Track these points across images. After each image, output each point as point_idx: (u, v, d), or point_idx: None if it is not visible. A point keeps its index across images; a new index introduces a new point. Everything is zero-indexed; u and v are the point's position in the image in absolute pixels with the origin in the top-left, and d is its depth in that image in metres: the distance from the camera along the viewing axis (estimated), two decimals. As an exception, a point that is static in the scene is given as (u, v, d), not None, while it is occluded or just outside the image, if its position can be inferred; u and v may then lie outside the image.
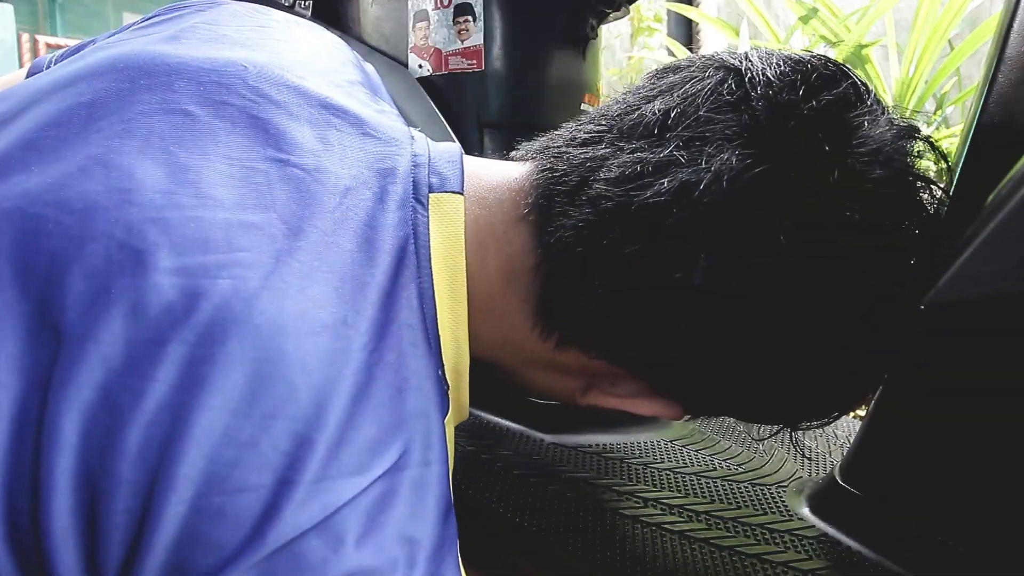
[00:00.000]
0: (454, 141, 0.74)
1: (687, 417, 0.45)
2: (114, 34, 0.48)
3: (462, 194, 0.41)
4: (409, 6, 0.85)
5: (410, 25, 0.85)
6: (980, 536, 0.47)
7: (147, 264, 0.32)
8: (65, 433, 0.29)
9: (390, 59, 0.88)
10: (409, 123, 0.47)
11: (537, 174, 0.41)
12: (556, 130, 0.44)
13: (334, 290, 0.34)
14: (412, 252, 0.38)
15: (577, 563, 0.51)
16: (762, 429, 0.48)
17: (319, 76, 0.43)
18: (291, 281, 0.33)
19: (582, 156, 0.40)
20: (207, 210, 0.34)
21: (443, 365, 0.38)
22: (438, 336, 0.38)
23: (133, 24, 0.48)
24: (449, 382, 0.39)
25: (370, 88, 0.49)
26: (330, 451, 0.31)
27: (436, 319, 0.38)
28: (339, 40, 0.51)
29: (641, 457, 0.66)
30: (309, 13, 0.95)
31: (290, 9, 0.95)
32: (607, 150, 0.39)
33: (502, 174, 0.43)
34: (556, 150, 0.41)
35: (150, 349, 0.30)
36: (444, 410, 0.38)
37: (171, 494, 0.29)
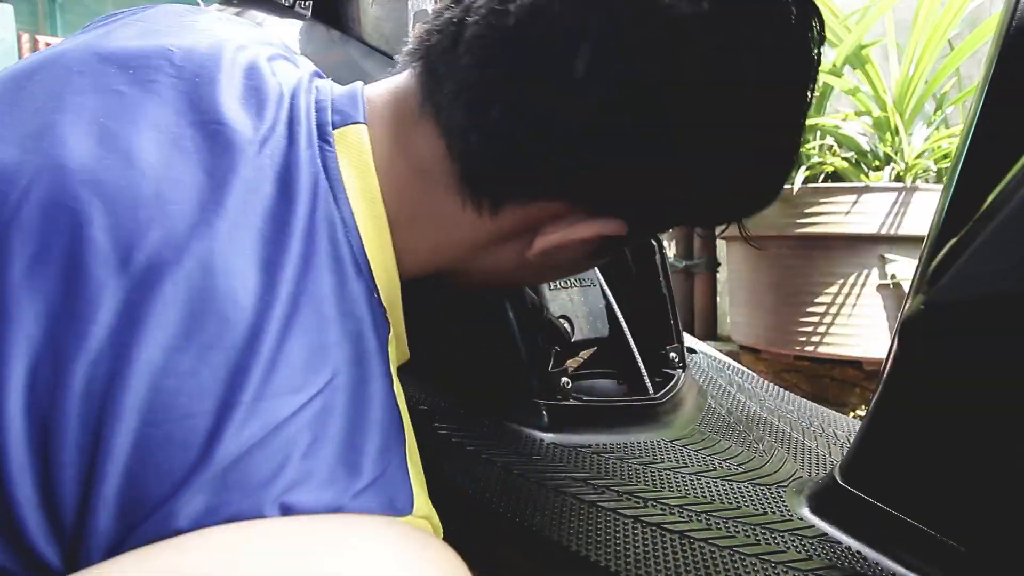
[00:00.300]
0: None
1: (626, 231, 0.46)
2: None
3: (364, 123, 0.44)
4: (409, 6, 0.85)
5: (410, 25, 0.85)
6: (980, 536, 0.47)
7: (82, 221, 0.34)
8: (14, 375, 0.31)
9: (390, 59, 0.88)
10: None
11: (416, 62, 0.44)
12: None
13: (258, 232, 0.37)
14: (326, 187, 0.40)
15: (577, 563, 0.51)
16: (762, 430, 0.48)
17: (240, 51, 0.46)
18: (218, 227, 0.36)
19: (448, 17, 0.42)
20: (136, 172, 0.37)
21: (376, 288, 0.41)
22: (367, 261, 0.41)
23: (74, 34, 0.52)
24: (386, 305, 0.42)
25: (292, 62, 0.52)
26: (265, 373, 0.33)
27: (363, 245, 0.40)
28: (266, 32, 0.54)
29: (641, 457, 0.66)
30: (309, 13, 0.95)
31: (290, 9, 0.95)
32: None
33: (391, 87, 0.46)
34: (426, 33, 0.44)
35: (90, 297, 0.33)
36: (383, 330, 0.41)
37: (118, 424, 0.31)
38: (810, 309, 1.60)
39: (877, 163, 1.58)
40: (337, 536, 0.31)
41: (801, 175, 1.55)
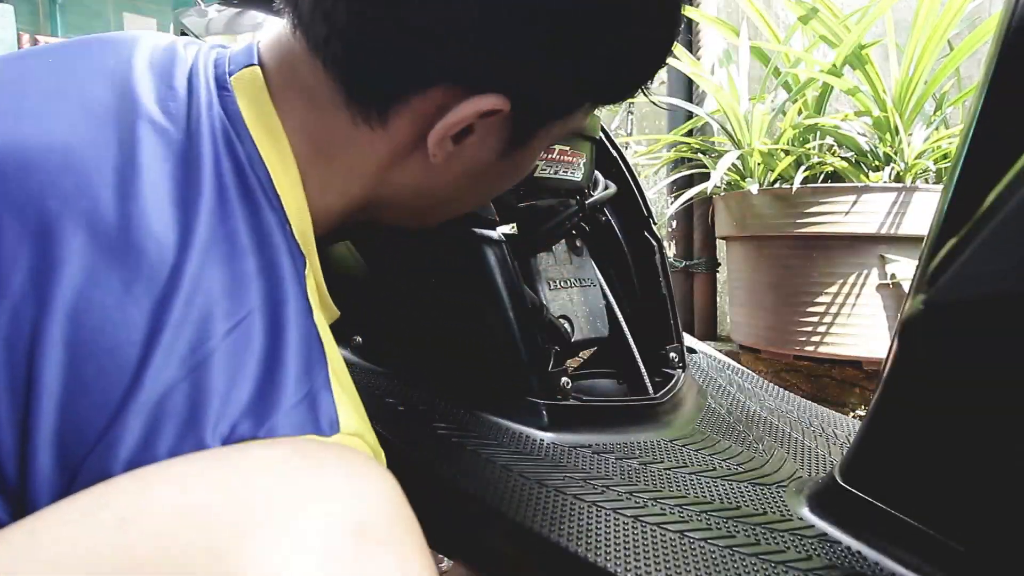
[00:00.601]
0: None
1: (510, 105, 0.45)
2: None
3: (258, 65, 0.46)
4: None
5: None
6: (979, 536, 0.47)
7: None
8: None
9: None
10: None
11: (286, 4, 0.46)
12: None
13: (169, 174, 0.39)
14: (228, 126, 0.43)
15: (576, 563, 0.51)
16: (762, 430, 0.48)
17: (156, 38, 0.49)
18: (127, 173, 0.38)
19: None
20: (44, 129, 0.39)
21: (288, 220, 0.43)
22: (276, 193, 0.43)
23: None
24: (300, 242, 0.43)
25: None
26: (187, 301, 0.35)
27: (270, 177, 0.43)
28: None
29: (641, 457, 0.66)
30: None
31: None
32: None
33: (277, 30, 0.49)
34: None
35: (2, 249, 0.34)
36: (298, 260, 0.42)
37: (46, 361, 0.32)
38: (810, 309, 1.60)
39: (877, 163, 1.58)
40: (265, 469, 0.32)
41: (801, 175, 1.55)
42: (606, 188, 0.85)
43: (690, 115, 2.02)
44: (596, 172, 0.86)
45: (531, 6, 0.41)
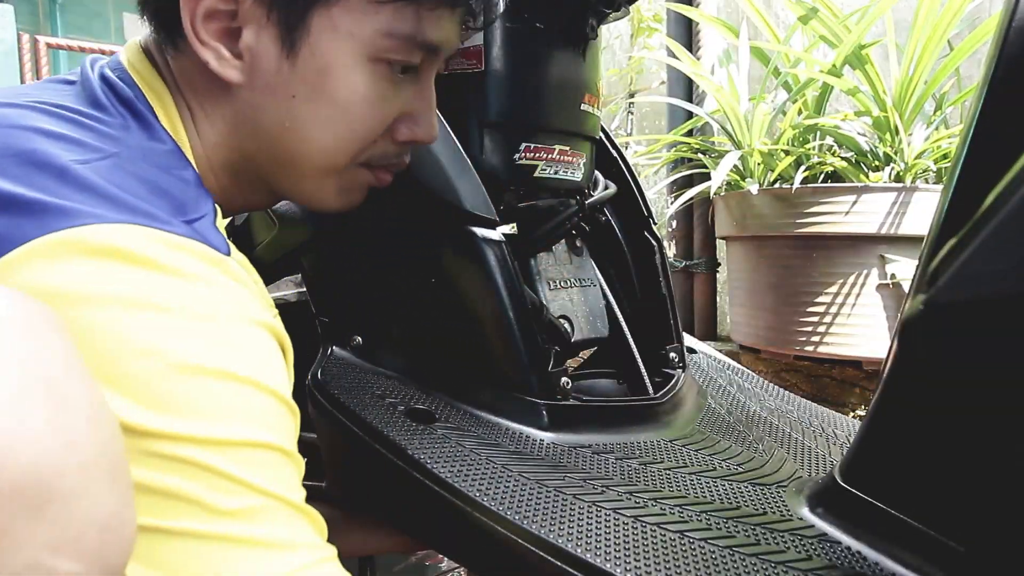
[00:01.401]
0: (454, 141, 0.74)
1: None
2: None
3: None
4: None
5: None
6: (979, 536, 0.47)
7: None
8: None
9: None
10: None
11: None
12: None
13: (62, 92, 0.49)
14: (104, 66, 0.52)
15: (576, 563, 0.51)
16: (762, 430, 0.48)
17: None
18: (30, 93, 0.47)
19: None
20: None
21: (150, 106, 0.50)
22: (147, 100, 0.50)
23: None
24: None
25: None
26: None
27: (138, 87, 0.50)
28: None
29: (641, 457, 0.66)
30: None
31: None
32: None
33: None
34: None
35: None
36: (165, 135, 0.49)
37: None
38: (810, 309, 1.60)
39: (877, 163, 1.58)
40: None
41: (801, 175, 1.55)
42: (606, 188, 0.85)
43: (690, 115, 2.02)
44: (596, 172, 0.86)
45: None
